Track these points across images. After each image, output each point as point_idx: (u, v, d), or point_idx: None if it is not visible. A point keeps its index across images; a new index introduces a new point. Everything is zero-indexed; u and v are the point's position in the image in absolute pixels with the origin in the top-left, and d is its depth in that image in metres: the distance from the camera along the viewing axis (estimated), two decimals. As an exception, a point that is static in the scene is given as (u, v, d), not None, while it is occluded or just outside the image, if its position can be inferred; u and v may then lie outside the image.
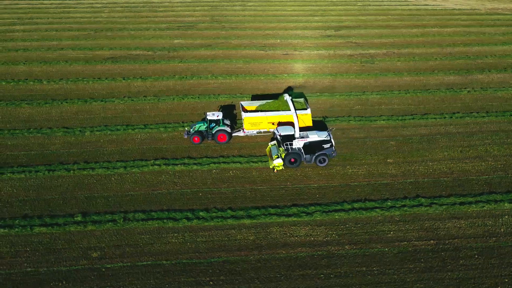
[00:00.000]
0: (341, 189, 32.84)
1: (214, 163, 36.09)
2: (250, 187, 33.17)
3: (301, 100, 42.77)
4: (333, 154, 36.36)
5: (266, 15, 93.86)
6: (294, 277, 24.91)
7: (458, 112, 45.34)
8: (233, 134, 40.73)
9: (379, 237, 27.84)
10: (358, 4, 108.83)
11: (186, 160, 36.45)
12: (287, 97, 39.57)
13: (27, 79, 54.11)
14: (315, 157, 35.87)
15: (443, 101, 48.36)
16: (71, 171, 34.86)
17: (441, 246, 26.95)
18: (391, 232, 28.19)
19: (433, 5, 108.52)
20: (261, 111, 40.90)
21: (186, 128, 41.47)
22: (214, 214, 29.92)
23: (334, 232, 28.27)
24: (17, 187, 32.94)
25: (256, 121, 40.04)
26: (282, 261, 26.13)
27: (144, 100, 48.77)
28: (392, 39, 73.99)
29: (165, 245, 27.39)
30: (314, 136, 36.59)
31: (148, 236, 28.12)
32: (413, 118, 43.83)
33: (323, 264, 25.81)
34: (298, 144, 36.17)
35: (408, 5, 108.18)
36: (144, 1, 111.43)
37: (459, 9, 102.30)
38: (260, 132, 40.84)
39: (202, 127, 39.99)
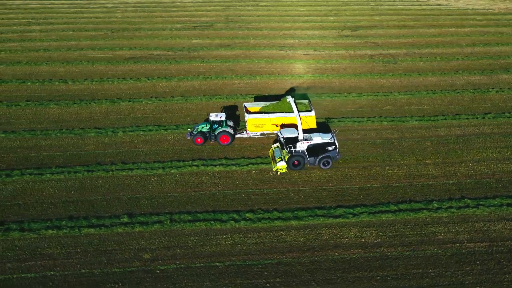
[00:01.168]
0: (384, 190, 32.72)
1: (253, 164, 35.93)
2: (292, 188, 33.08)
3: (305, 101, 42.39)
4: (337, 157, 35.87)
5: (280, 15, 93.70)
6: (351, 279, 24.80)
7: (490, 113, 45.22)
8: (236, 136, 40.25)
9: (430, 239, 27.75)
10: (371, 4, 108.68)
11: (224, 161, 36.34)
12: (290, 99, 39.33)
13: (51, 80, 53.92)
14: (319, 160, 35.37)
15: (473, 101, 48.23)
16: (110, 172, 34.72)
17: (495, 248, 26.86)
18: (442, 234, 28.08)
19: (445, 5, 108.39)
20: (265, 112, 40.42)
21: (189, 129, 41.08)
22: (260, 215, 29.84)
23: (384, 234, 28.17)
24: (59, 188, 32.84)
25: (259, 123, 39.48)
26: (336, 262, 26.05)
27: (172, 100, 48.62)
28: (411, 39, 73.88)
29: (215, 246, 27.28)
30: (318, 139, 36.15)
31: (197, 237, 28.02)
32: (445, 119, 43.74)
33: (377, 266, 25.71)
34: (301, 146, 35.68)
35: (420, 5, 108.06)
36: (156, 1, 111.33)
37: (473, 9, 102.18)
38: (264, 134, 40.38)
39: (205, 128, 39.65)
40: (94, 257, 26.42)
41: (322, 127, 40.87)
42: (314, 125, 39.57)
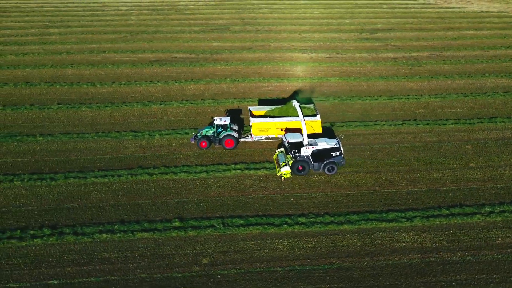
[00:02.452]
0: (432, 194, 32.58)
1: (295, 167, 35.91)
2: (339, 191, 32.91)
3: (311, 106, 42.09)
4: (342, 163, 35.44)
5: (295, 18, 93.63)
6: (415, 285, 24.63)
7: (525, 116, 45.32)
8: (241, 140, 39.97)
9: (488, 243, 27.59)
10: (384, 7, 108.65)
11: (266, 164, 36.14)
12: (295, 103, 39.05)
13: (79, 83, 53.71)
14: (324, 165, 34.94)
15: (505, 104, 48.14)
16: (154, 176, 34.53)
17: (555, 252, 26.79)
18: (499, 239, 27.94)
19: (458, 7, 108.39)
20: (270, 116, 40.14)
21: (194, 133, 40.74)
22: (313, 219, 29.67)
23: (441, 239, 28.01)
24: (105, 191, 32.67)
25: (264, 127, 39.15)
26: (397, 267, 25.88)
27: (203, 103, 48.48)
28: (431, 42, 73.83)
29: (273, 251, 27.09)
30: (323, 144, 35.69)
31: (253, 242, 27.84)
32: (481, 122, 43.62)
33: (440, 271, 25.55)
34: (306, 151, 35.27)
35: (434, 7, 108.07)
36: (168, 3, 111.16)
37: (487, 12, 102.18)
38: (269, 138, 39.93)
39: (210, 132, 39.30)
40: (152, 261, 26.24)
41: (327, 133, 40.31)
42: (319, 130, 39.27)
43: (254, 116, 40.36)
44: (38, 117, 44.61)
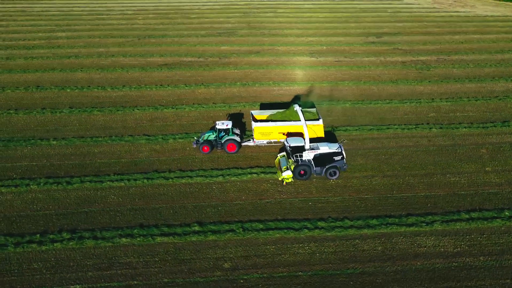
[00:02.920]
0: (450, 198, 32.47)
1: (311, 171, 35.83)
2: (357, 196, 32.81)
3: (313, 110, 41.85)
4: (344, 167, 35.22)
5: (301, 22, 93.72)
6: (439, 289, 24.58)
7: (538, 120, 45.26)
8: (243, 144, 39.66)
9: (511, 248, 27.45)
10: (389, 11, 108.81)
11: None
12: (297, 107, 38.81)
13: (89, 86, 53.66)
14: (326, 170, 34.74)
15: (517, 109, 48.31)
16: (170, 180, 34.41)
17: None
18: (521, 243, 27.93)
19: (463, 11, 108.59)
20: (272, 121, 39.92)
21: (195, 138, 40.54)
22: (332, 223, 29.57)
23: (462, 243, 27.88)
24: (122, 195, 32.55)
25: (266, 131, 38.89)
26: (420, 272, 25.75)
27: (215, 107, 48.42)
28: (438, 46, 73.90)
29: (294, 256, 26.96)
30: (325, 148, 35.51)
31: (273, 246, 27.70)
32: (494, 126, 43.53)
33: (463, 276, 25.40)
34: (308, 156, 35.08)
35: (438, 11, 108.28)
36: (173, 8, 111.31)
37: (492, 16, 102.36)
38: (271, 142, 39.59)
39: (211, 136, 39.11)
40: (174, 266, 26.10)
41: (329, 137, 39.86)
42: (322, 134, 39.01)
43: (256, 120, 40.15)
44: (51, 121, 44.58)
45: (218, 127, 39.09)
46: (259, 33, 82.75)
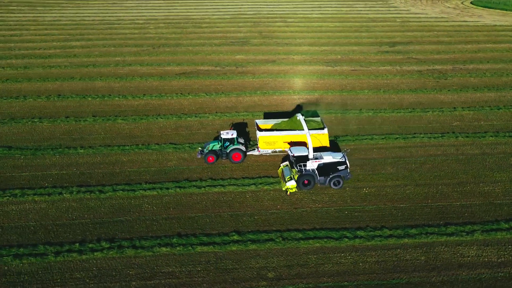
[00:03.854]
0: (486, 207, 32.30)
1: (343, 180, 35.71)
2: (392, 205, 32.61)
3: (318, 119, 41.81)
4: (348, 176, 35.01)
5: (312, 31, 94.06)
6: (488, 299, 24.35)
7: None
8: (248, 153, 39.56)
9: (554, 256, 27.38)
10: (398, 21, 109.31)
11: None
12: (300, 116, 38.68)
13: (110, 95, 53.66)
14: (330, 179, 34.51)
15: (541, 117, 48.31)
16: (202, 188, 34.29)
17: None
18: None
19: (472, 21, 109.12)
20: (277, 130, 39.89)
21: (200, 148, 39.96)
22: (371, 233, 29.39)
23: (506, 253, 27.66)
24: (156, 204, 32.36)
25: (271, 141, 38.88)
26: (467, 282, 25.51)
27: (238, 115, 48.42)
28: (452, 55, 74.14)
29: (337, 265, 26.73)
30: (329, 157, 35.20)
31: (315, 256, 27.48)
32: (521, 135, 43.75)
33: (511, 286, 25.22)
34: (312, 165, 34.85)
35: (447, 21, 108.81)
36: (183, 17, 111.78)
37: (501, 25, 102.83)
38: (276, 152, 39.60)
39: (216, 146, 38.80)
40: (217, 275, 25.87)
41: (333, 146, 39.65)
42: (327, 144, 38.87)
43: (261, 130, 40.03)
44: (75, 130, 44.49)
45: (223, 136, 38.80)
46: (273, 42, 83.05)
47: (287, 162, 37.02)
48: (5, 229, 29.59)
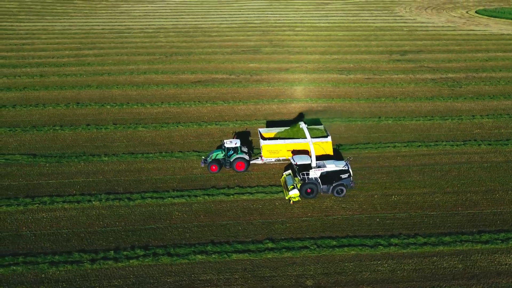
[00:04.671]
0: (517, 214, 32.45)
1: (371, 187, 35.68)
2: (422, 212, 32.56)
3: (321, 127, 41.80)
4: (351, 185, 34.88)
5: (322, 40, 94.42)
6: (530, 307, 24.23)
7: None
8: (251, 162, 39.35)
9: None
10: (405, 30, 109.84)
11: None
12: (302, 125, 38.76)
13: (128, 103, 53.77)
14: (333, 188, 34.34)
15: (561, 125, 48.39)
16: (231, 196, 34.23)
17: None
18: None
19: (478, 30, 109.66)
20: (280, 138, 39.82)
21: (203, 157, 39.90)
22: (405, 240, 29.31)
23: (543, 260, 27.74)
24: (186, 212, 32.30)
25: (275, 149, 38.80)
26: (508, 290, 25.51)
27: (258, 123, 48.34)
28: (463, 64, 74.41)
29: (375, 273, 26.64)
30: (332, 166, 35.09)
31: (351, 263, 27.40)
32: (543, 142, 43.79)
33: (552, 293, 25.17)
34: (314, 174, 34.64)
35: (454, 30, 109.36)
36: (191, 26, 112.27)
37: (508, 34, 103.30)
38: (279, 160, 39.50)
39: (220, 155, 38.73)
40: (255, 283, 25.72)
41: (336, 155, 39.67)
42: (330, 152, 38.76)
43: (264, 138, 39.93)
44: (97, 137, 44.49)
45: (226, 145, 38.62)
46: (284, 51, 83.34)
47: (289, 171, 36.84)
48: (38, 236, 29.55)
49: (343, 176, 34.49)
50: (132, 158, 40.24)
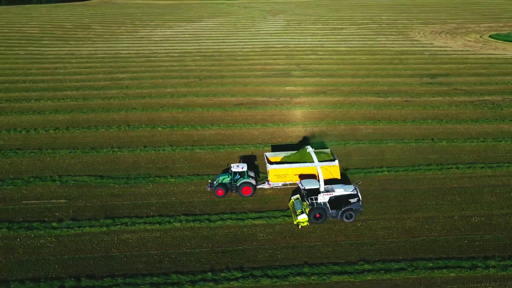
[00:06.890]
0: None
1: (447, 208, 35.41)
2: (508, 234, 32.31)
3: (327, 151, 41.57)
4: (360, 209, 34.36)
5: (347, 63, 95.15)
6: None
7: None
8: (258, 187, 38.94)
9: None
10: (426, 54, 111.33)
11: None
12: (310, 149, 38.55)
13: (178, 125, 53.95)
14: (342, 213, 33.82)
15: None
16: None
17: None
18: None
19: (498, 54, 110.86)
20: (287, 162, 39.61)
21: (209, 181, 39.40)
22: (501, 262, 28.81)
23: None
24: (270, 233, 32.06)
25: (282, 173, 38.52)
26: None
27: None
28: (496, 86, 74.89)
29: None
30: (340, 190, 34.57)
31: (455, 285, 26.77)
32: None
33: None
34: (323, 198, 34.23)
35: (474, 54, 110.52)
36: (215, 50, 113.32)
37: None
38: (286, 185, 39.06)
39: (226, 179, 38.30)
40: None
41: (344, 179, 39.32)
42: (338, 176, 38.47)
43: (271, 163, 39.70)
44: (157, 159, 44.44)
45: (233, 169, 38.29)
46: (315, 74, 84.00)
47: (297, 195, 36.23)
48: (129, 257, 29.20)
49: (352, 200, 33.94)
50: (199, 179, 40.10)
